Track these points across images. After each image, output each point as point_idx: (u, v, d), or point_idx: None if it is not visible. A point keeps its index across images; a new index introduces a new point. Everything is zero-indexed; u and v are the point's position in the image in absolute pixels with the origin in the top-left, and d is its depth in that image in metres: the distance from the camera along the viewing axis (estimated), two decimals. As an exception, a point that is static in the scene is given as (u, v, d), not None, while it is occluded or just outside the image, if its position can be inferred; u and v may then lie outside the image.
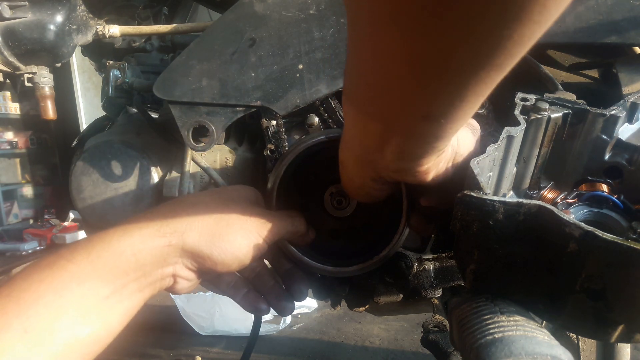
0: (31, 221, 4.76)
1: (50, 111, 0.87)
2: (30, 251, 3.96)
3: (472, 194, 0.45)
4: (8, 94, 4.56)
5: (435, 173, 0.48)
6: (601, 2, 0.63)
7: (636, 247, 0.38)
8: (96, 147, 0.84)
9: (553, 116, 0.54)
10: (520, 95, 0.55)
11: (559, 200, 0.57)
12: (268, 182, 0.67)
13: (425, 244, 0.74)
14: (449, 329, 0.70)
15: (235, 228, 0.54)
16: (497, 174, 0.54)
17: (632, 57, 0.68)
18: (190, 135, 0.70)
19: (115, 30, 0.89)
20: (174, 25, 0.88)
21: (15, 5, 0.79)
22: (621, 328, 0.44)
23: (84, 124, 4.40)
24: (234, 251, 0.53)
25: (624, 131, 0.57)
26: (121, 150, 0.83)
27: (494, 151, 0.50)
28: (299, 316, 2.83)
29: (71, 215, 4.37)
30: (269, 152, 0.71)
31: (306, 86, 0.68)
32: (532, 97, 0.55)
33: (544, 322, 0.50)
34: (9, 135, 4.81)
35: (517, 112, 0.54)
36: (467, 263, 0.50)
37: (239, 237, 0.53)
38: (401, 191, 0.62)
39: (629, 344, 1.13)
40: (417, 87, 0.33)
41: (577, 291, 0.42)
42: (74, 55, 0.88)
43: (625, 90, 0.64)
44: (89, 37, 0.89)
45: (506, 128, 0.51)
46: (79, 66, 4.37)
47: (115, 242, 0.48)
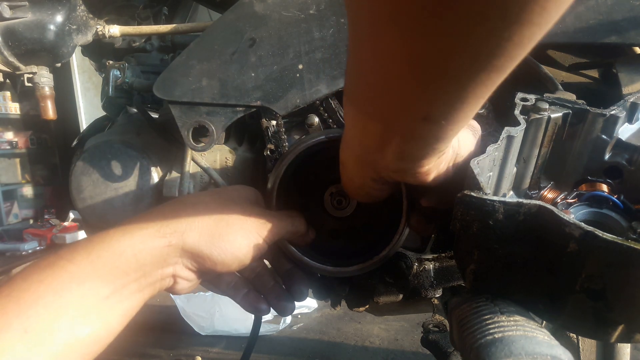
0: (31, 221, 4.76)
1: (50, 111, 0.87)
2: (30, 251, 3.96)
3: (472, 194, 0.45)
4: (8, 94, 4.55)
5: (435, 174, 0.48)
6: (601, 2, 0.63)
7: (636, 247, 0.38)
8: (96, 147, 0.84)
9: (553, 116, 0.54)
10: (520, 95, 0.55)
11: (559, 200, 0.57)
12: (268, 182, 0.67)
13: (425, 244, 0.74)
14: (449, 329, 0.70)
15: (235, 228, 0.54)
16: (497, 174, 0.54)
17: (632, 57, 0.68)
18: (190, 135, 0.70)
19: (115, 30, 0.89)
20: (174, 25, 0.88)
21: (15, 5, 0.79)
22: (621, 328, 0.44)
23: (84, 124, 4.40)
24: (234, 251, 0.53)
25: (624, 131, 0.57)
26: (121, 150, 0.83)
27: (494, 151, 0.50)
28: (299, 316, 2.83)
29: (71, 215, 4.37)
30: (269, 152, 0.71)
31: (306, 86, 0.68)
32: (532, 97, 0.55)
33: (544, 322, 0.50)
34: (9, 135, 4.81)
35: (517, 112, 0.54)
36: (467, 263, 0.50)
37: (238, 237, 0.53)
38: (401, 191, 0.62)
39: (629, 344, 1.13)
40: (417, 88, 0.33)
41: (577, 291, 0.42)
42: (74, 55, 0.88)
43: (625, 90, 0.64)
44: (89, 37, 0.89)
45: (506, 128, 0.51)
46: (79, 66, 4.37)
47: (115, 242, 0.48)
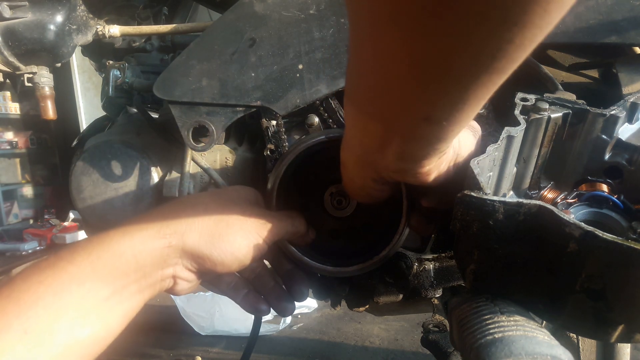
0: (31, 221, 4.76)
1: (50, 111, 0.87)
2: (30, 251, 3.95)
3: (472, 194, 0.45)
4: (8, 94, 4.55)
5: (436, 174, 0.47)
6: (601, 2, 0.63)
7: (636, 247, 0.38)
8: (96, 147, 0.84)
9: (553, 116, 0.54)
10: (520, 95, 0.55)
11: (559, 200, 0.57)
12: (268, 182, 0.67)
13: (425, 244, 0.74)
14: (449, 329, 0.70)
15: (235, 229, 0.54)
16: (497, 174, 0.54)
17: (632, 57, 0.68)
18: (190, 135, 0.70)
19: (115, 30, 0.89)
20: (174, 25, 0.87)
21: (15, 5, 0.79)
22: (621, 328, 0.44)
23: (84, 124, 4.40)
24: (234, 252, 0.53)
25: (624, 131, 0.57)
26: (121, 150, 0.83)
27: (494, 151, 0.50)
28: (299, 316, 2.83)
29: (71, 215, 4.37)
30: (269, 152, 0.71)
31: (306, 86, 0.68)
32: (532, 97, 0.55)
33: (544, 322, 0.50)
34: (9, 135, 4.80)
35: (517, 112, 0.54)
36: (467, 263, 0.50)
37: (238, 237, 0.53)
38: (401, 192, 0.62)
39: (629, 344, 1.13)
40: (418, 89, 0.33)
41: (577, 291, 0.42)
42: (74, 55, 0.88)
43: (625, 90, 0.64)
44: (89, 37, 0.89)
45: (506, 128, 0.51)
46: (79, 66, 4.37)
47: (115, 243, 0.48)
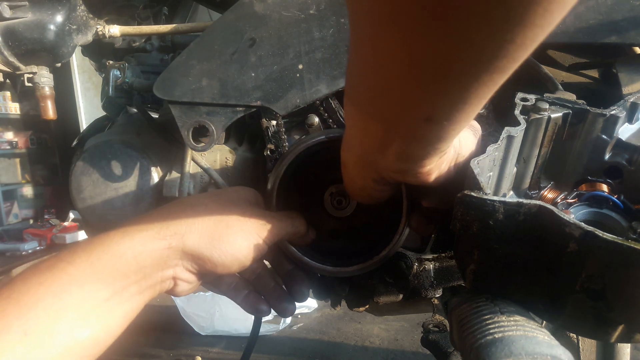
0: (31, 221, 4.75)
1: (50, 111, 0.87)
2: (30, 251, 3.95)
3: (472, 194, 0.45)
4: (8, 94, 4.54)
5: (437, 174, 0.47)
6: (601, 2, 0.63)
7: (636, 247, 0.38)
8: (96, 147, 0.84)
9: (553, 116, 0.54)
10: (520, 95, 0.55)
11: (559, 200, 0.57)
12: (268, 183, 0.67)
13: (425, 244, 0.74)
14: (449, 329, 0.70)
15: (235, 229, 0.54)
16: (497, 174, 0.54)
17: (632, 57, 0.68)
18: (190, 135, 0.70)
19: (115, 30, 0.89)
20: (174, 25, 0.87)
21: (15, 5, 0.79)
22: (621, 328, 0.44)
23: (84, 124, 4.39)
24: (234, 253, 0.53)
25: (624, 131, 0.57)
26: (121, 150, 0.83)
27: (494, 151, 0.50)
28: (299, 316, 2.83)
29: (71, 215, 4.36)
30: (269, 152, 0.71)
31: (306, 86, 0.68)
32: (532, 97, 0.55)
33: (544, 322, 0.50)
34: (9, 135, 4.80)
35: (517, 112, 0.53)
36: (467, 263, 0.50)
37: (238, 238, 0.53)
38: (401, 192, 0.62)
39: (629, 344, 1.13)
40: (418, 89, 0.33)
41: (577, 291, 0.42)
42: (74, 55, 0.88)
43: (625, 90, 0.64)
44: (89, 37, 0.89)
45: (506, 128, 0.51)
46: (79, 66, 4.37)
47: (115, 244, 0.48)
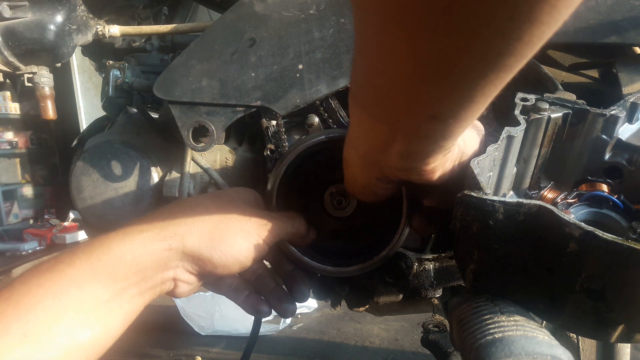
0: (31, 221, 4.75)
1: (50, 111, 0.87)
2: (30, 251, 3.95)
3: (472, 194, 0.45)
4: (8, 94, 4.55)
5: (441, 172, 0.47)
6: (601, 2, 0.63)
7: (636, 247, 0.38)
8: (96, 147, 0.84)
9: (553, 116, 0.54)
10: (520, 95, 0.55)
11: (559, 200, 0.57)
12: (268, 183, 0.67)
13: (425, 244, 0.74)
14: (449, 329, 0.70)
15: (235, 230, 0.53)
16: (497, 174, 0.54)
17: (632, 57, 0.68)
18: (190, 135, 0.70)
19: (115, 30, 0.89)
20: (174, 25, 0.87)
21: (15, 5, 0.79)
22: (621, 328, 0.44)
23: (84, 124, 4.40)
24: (234, 253, 0.53)
25: (624, 131, 0.57)
26: (121, 150, 0.83)
27: (494, 151, 0.50)
28: (299, 316, 2.83)
29: (71, 215, 4.36)
30: (269, 152, 0.71)
31: (306, 86, 0.68)
32: (532, 97, 0.55)
33: (544, 322, 0.50)
34: (9, 135, 4.80)
35: (517, 112, 0.53)
36: (467, 263, 0.50)
37: (239, 239, 0.53)
38: (401, 191, 0.62)
39: (629, 344, 1.13)
40: (424, 87, 0.33)
41: (577, 291, 0.42)
42: (74, 55, 0.88)
43: (625, 90, 0.64)
44: (89, 37, 0.89)
45: (506, 128, 0.51)
46: (79, 66, 4.37)
47: (115, 245, 0.48)
